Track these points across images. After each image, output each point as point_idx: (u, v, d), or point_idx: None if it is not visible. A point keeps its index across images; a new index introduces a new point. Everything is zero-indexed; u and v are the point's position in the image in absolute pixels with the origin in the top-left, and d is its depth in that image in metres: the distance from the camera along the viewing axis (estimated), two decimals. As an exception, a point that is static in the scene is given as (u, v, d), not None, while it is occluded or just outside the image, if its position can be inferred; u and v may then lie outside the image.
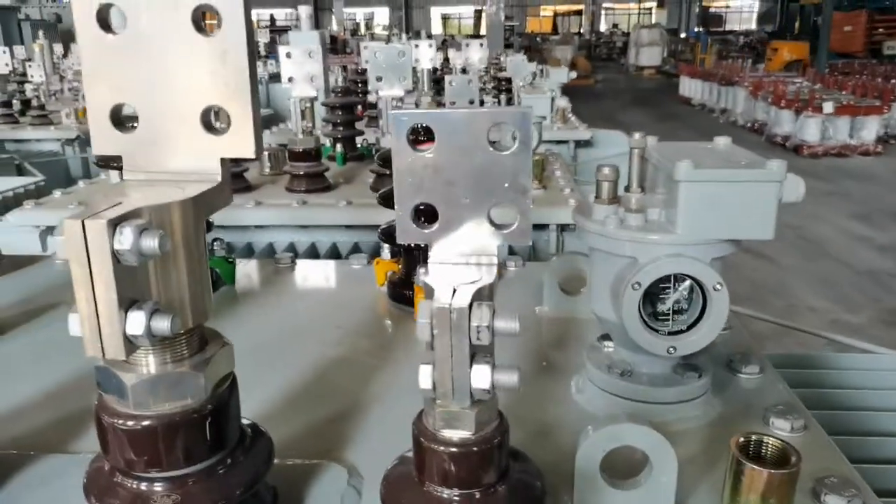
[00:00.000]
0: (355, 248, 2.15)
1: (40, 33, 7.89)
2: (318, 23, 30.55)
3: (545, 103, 2.36)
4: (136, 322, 0.49)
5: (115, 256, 0.48)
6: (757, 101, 11.41)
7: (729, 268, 0.78)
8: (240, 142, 0.57)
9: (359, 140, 2.79)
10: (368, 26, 26.03)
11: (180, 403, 0.55)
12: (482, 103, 3.04)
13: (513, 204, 0.54)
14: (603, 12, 37.11)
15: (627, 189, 0.84)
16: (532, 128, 0.52)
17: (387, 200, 1.13)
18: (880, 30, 18.74)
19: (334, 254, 2.16)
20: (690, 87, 15.19)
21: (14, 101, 4.20)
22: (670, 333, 0.78)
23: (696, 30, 25.65)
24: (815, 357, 1.29)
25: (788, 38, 24.76)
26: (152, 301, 0.51)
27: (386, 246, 1.24)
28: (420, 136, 1.03)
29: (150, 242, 0.48)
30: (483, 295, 0.51)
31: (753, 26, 35.21)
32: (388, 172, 2.24)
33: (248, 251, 2.13)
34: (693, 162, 0.71)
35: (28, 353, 1.02)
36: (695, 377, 0.82)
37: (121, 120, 0.58)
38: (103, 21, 0.56)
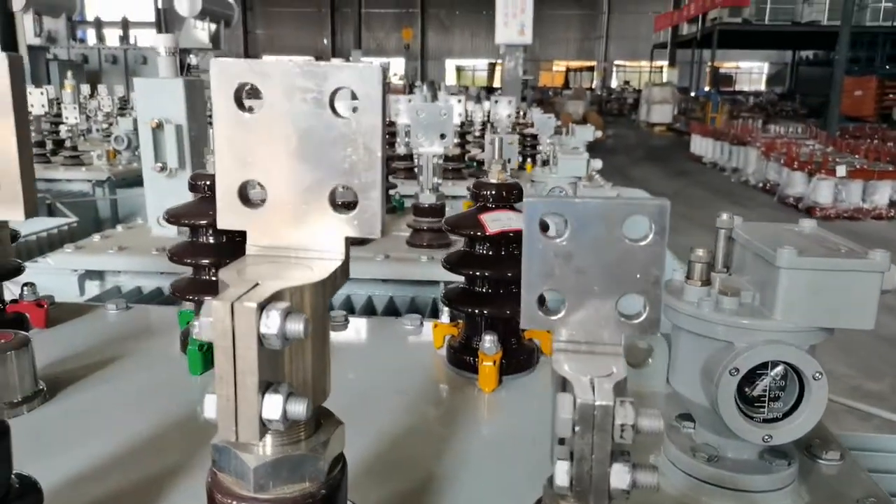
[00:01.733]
0: (390, 303, 2.15)
1: (69, 73, 8.09)
2: (335, 70, 31.20)
3: (582, 164, 2.37)
4: (273, 406, 0.49)
5: (261, 340, 0.48)
6: (769, 161, 11.51)
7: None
8: (366, 222, 0.57)
9: (391, 193, 2.82)
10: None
11: (298, 487, 0.54)
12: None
13: (643, 294, 0.54)
14: (615, 69, 37.86)
15: (712, 268, 0.84)
16: (667, 220, 0.52)
17: (453, 265, 1.13)
18: (890, 96, 19.01)
19: (369, 307, 2.15)
20: (701, 146, 15.35)
21: (46, 141, 4.27)
22: (765, 420, 0.76)
23: (705, 89, 26.06)
24: (865, 439, 1.27)
25: (797, 98, 25.17)
26: (286, 384, 0.50)
27: (446, 309, 1.23)
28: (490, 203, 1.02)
29: (296, 326, 0.48)
30: (621, 390, 0.50)
31: (762, 87, 35.82)
32: (424, 227, 2.25)
33: (284, 302, 2.12)
34: (795, 249, 0.71)
35: (92, 409, 1.01)
36: (784, 465, 0.80)
37: (248, 195, 0.59)
38: (240, 99, 0.57)
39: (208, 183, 1.15)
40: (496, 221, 1.09)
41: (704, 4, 22.50)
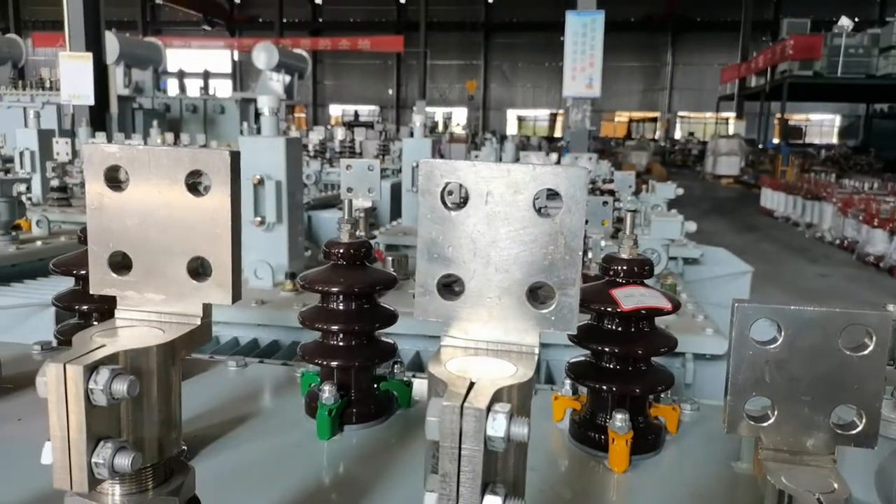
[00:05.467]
0: None
1: (155, 123, 8.55)
2: (399, 119, 32.09)
3: (676, 226, 2.35)
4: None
5: (486, 442, 0.48)
6: (846, 217, 11.11)
7: None
8: (563, 318, 0.58)
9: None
10: (447, 125, 27.14)
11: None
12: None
13: (859, 406, 0.52)
14: (678, 120, 37.60)
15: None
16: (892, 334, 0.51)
17: (580, 339, 1.12)
18: (973, 151, 18.20)
19: (417, 363, 2.17)
20: (773, 199, 14.98)
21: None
22: (951, 529, 0.72)
23: (774, 141, 25.55)
24: None
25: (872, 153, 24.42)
26: (501, 484, 0.51)
27: (567, 381, 1.22)
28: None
29: (520, 430, 0.48)
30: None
31: (834, 140, 34.89)
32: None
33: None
34: None
35: (230, 473, 1.03)
36: (967, 576, 0.75)
37: (445, 290, 0.60)
38: (444, 198, 0.59)
39: (341, 251, 1.18)
40: (630, 298, 1.08)
41: (773, 57, 22.24)
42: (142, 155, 0.62)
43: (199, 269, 0.63)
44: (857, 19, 23.11)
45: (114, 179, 0.63)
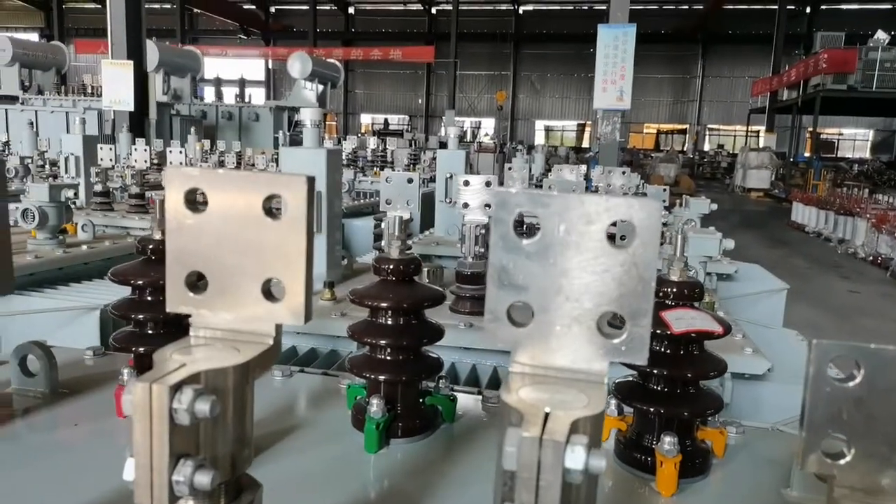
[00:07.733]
0: (472, 371, 2.15)
1: (192, 130, 8.70)
2: (427, 128, 32.24)
3: (714, 244, 2.33)
4: (569, 539, 0.50)
5: (565, 476, 0.49)
6: (881, 233, 10.90)
7: None
8: (634, 348, 0.58)
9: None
10: (475, 135, 27.22)
11: None
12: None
13: (939, 446, 0.52)
14: (707, 132, 37.22)
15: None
16: None
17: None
18: None
19: (494, 380, 2.15)
20: (804, 214, 14.76)
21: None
22: None
23: (805, 155, 25.16)
24: None
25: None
26: (576, 515, 0.51)
27: (613, 401, 1.22)
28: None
29: (598, 463, 0.49)
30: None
31: (867, 154, 34.25)
32: (466, 295, 2.25)
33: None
34: None
35: (280, 483, 1.05)
36: None
37: (515, 317, 0.61)
38: (517, 228, 0.60)
39: (391, 267, 1.20)
40: (680, 320, 1.07)
41: (806, 70, 21.93)
42: (221, 178, 0.63)
43: (272, 290, 0.65)
44: (893, 33, 22.67)
45: (192, 202, 0.64)
